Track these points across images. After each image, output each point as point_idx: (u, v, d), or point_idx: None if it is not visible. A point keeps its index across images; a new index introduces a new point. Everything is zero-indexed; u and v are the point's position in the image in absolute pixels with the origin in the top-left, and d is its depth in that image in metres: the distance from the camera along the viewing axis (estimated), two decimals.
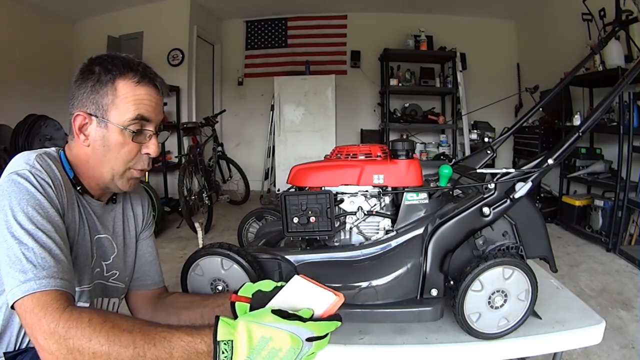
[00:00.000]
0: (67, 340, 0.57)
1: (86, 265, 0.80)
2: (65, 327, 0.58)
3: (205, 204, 3.72)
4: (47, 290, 0.61)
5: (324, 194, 0.92)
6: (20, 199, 0.66)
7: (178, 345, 0.58)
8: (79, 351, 0.57)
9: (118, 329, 0.58)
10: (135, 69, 0.78)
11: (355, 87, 5.43)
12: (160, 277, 1.00)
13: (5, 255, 0.63)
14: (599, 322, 0.90)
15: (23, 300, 0.60)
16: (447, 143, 5.08)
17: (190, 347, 0.58)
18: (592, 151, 3.53)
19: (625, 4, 2.56)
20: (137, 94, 0.78)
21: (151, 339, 0.58)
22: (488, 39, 5.25)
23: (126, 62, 0.78)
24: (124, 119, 0.77)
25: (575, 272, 2.66)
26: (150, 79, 0.79)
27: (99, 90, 0.76)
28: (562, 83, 1.41)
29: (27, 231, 0.64)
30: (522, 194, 0.90)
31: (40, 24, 4.34)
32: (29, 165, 0.70)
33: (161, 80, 0.82)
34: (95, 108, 0.77)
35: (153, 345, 0.58)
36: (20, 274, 0.61)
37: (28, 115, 3.04)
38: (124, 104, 0.77)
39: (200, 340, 0.59)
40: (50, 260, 0.63)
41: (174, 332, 0.59)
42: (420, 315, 0.89)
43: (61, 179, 0.74)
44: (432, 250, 0.90)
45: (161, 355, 0.57)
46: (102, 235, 0.85)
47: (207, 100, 5.45)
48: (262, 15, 5.47)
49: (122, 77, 0.77)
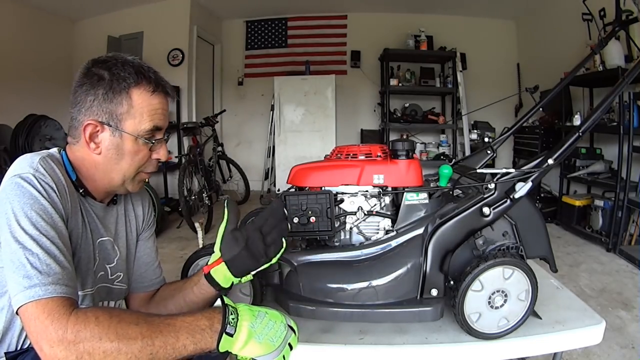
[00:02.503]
0: (77, 344, 0.58)
1: (89, 269, 0.80)
2: (74, 332, 0.58)
3: (205, 204, 3.72)
4: (52, 297, 0.60)
5: (324, 194, 0.92)
6: (23, 203, 0.65)
7: (182, 327, 0.63)
8: (89, 353, 0.58)
9: (125, 323, 0.60)
10: (148, 77, 0.77)
11: (355, 87, 5.43)
12: (160, 278, 0.98)
13: (9, 259, 0.63)
14: (599, 322, 0.90)
15: (27, 306, 0.60)
16: (447, 143, 5.08)
17: (193, 325, 0.63)
18: (592, 151, 3.53)
19: (625, 4, 2.56)
20: (152, 103, 0.78)
21: (156, 327, 0.62)
22: (488, 39, 5.25)
23: (137, 68, 0.77)
24: (139, 129, 0.77)
25: (575, 272, 2.66)
26: (163, 87, 0.80)
27: (112, 99, 0.75)
28: (562, 83, 1.41)
29: (31, 236, 0.63)
30: (522, 194, 0.90)
31: (40, 24, 4.34)
32: (32, 168, 0.69)
33: (170, 85, 0.82)
34: (108, 117, 0.76)
35: (160, 333, 0.61)
36: (24, 279, 0.61)
37: (28, 115, 3.04)
38: (139, 114, 0.77)
39: (201, 316, 0.65)
40: (55, 266, 0.63)
41: (177, 317, 0.64)
42: (420, 315, 0.89)
43: (64, 183, 0.73)
44: (432, 250, 0.90)
45: (168, 340, 0.61)
46: (104, 238, 0.85)
47: (207, 100, 5.45)
48: (262, 15, 5.47)
49: (137, 86, 0.76)
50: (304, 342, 0.84)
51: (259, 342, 0.67)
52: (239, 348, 0.66)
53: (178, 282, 0.95)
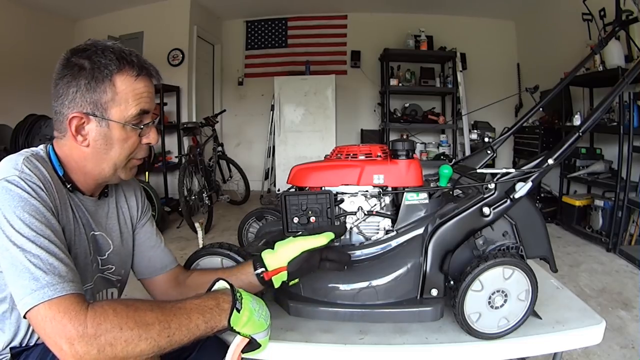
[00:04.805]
0: (98, 338, 0.58)
1: (86, 264, 0.80)
2: (94, 326, 0.58)
3: (205, 204, 3.71)
4: (64, 296, 0.60)
5: (324, 194, 0.92)
6: (15, 206, 0.64)
7: (192, 308, 0.67)
8: (110, 344, 0.58)
9: (141, 311, 0.63)
10: (130, 62, 0.75)
11: (355, 87, 5.43)
12: (170, 258, 0.97)
13: (9, 265, 0.62)
14: (599, 322, 0.90)
15: (39, 308, 0.59)
16: (447, 143, 5.08)
17: (201, 306, 0.68)
18: (592, 151, 3.52)
19: (625, 4, 2.56)
20: (136, 88, 0.76)
21: (169, 311, 0.65)
22: (488, 39, 5.25)
23: (119, 54, 0.74)
24: (126, 116, 0.75)
25: (575, 272, 2.66)
26: (146, 70, 0.77)
27: (96, 88, 0.73)
28: (562, 83, 1.41)
29: (28, 238, 0.62)
30: (522, 194, 0.90)
31: (40, 23, 4.34)
32: (17, 170, 0.68)
33: (154, 67, 0.80)
34: (93, 107, 0.74)
35: (173, 316, 0.65)
36: (31, 282, 0.60)
37: (28, 115, 3.04)
38: (124, 100, 0.74)
39: (207, 297, 0.70)
40: (58, 264, 0.62)
41: (184, 301, 0.69)
42: (420, 315, 0.89)
43: (51, 180, 0.72)
44: (432, 250, 0.90)
45: (182, 321, 0.65)
46: (96, 232, 0.84)
47: (207, 100, 5.45)
48: (262, 15, 5.47)
49: (119, 72, 0.74)
50: (304, 342, 0.84)
51: (257, 319, 0.73)
52: (243, 324, 0.71)
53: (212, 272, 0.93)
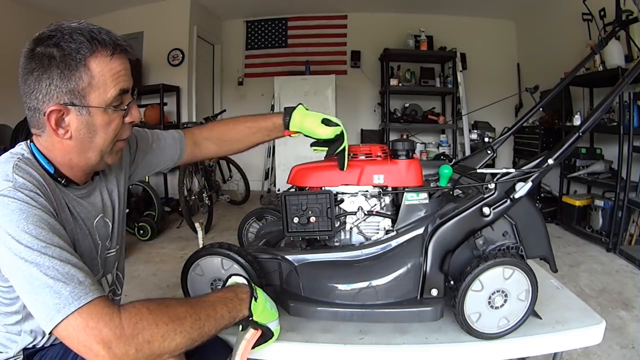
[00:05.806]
0: (136, 337, 0.59)
1: (93, 258, 0.80)
2: (131, 326, 0.59)
3: (205, 204, 3.71)
4: (90, 302, 0.59)
5: (324, 194, 0.92)
6: (17, 220, 0.61)
7: (215, 300, 0.72)
8: (147, 341, 0.60)
9: (172, 306, 0.65)
10: (102, 41, 0.69)
11: (355, 87, 5.43)
12: (175, 136, 1.07)
13: (25, 283, 0.59)
14: (599, 322, 0.90)
15: (68, 321, 0.57)
16: (447, 143, 5.08)
17: (223, 297, 0.74)
18: (592, 151, 3.52)
19: (625, 4, 2.56)
20: (113, 67, 0.71)
21: (196, 303, 0.69)
22: (488, 39, 5.25)
23: (89, 35, 0.68)
24: (106, 99, 0.71)
25: (575, 272, 2.66)
26: (120, 46, 0.72)
27: (70, 76, 0.68)
28: (562, 83, 1.41)
29: (39, 251, 0.60)
30: (522, 194, 0.90)
31: (40, 24, 4.29)
32: (9, 181, 0.64)
33: (127, 42, 0.74)
34: (70, 97, 0.69)
35: (201, 308, 0.68)
36: (53, 297, 0.58)
37: None
38: (102, 83, 0.70)
39: (225, 290, 0.76)
40: (75, 271, 0.61)
41: (208, 295, 0.74)
42: (420, 315, 0.89)
43: (44, 182, 0.69)
44: (432, 250, 0.90)
45: (210, 312, 0.69)
46: (96, 219, 0.83)
47: (207, 100, 5.45)
48: (262, 15, 5.47)
49: (93, 55, 0.68)
50: (304, 342, 0.84)
51: (270, 308, 0.80)
52: (260, 312, 0.77)
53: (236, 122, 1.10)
